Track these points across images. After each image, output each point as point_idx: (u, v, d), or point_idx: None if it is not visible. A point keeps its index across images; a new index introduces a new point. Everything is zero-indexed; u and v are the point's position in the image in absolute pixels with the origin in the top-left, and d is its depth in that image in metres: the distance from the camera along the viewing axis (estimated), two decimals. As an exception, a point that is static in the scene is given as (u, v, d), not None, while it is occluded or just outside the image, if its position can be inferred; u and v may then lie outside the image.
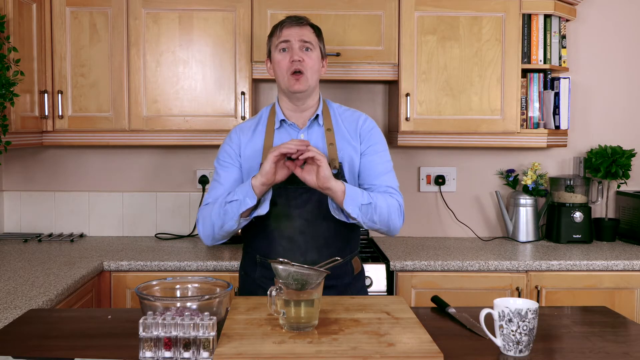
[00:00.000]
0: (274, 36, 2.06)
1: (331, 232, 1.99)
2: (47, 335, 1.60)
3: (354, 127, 2.08)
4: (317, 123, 2.06)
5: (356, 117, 2.10)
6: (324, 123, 2.05)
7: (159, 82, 2.92)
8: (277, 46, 2.03)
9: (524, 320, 1.42)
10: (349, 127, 2.07)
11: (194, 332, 1.36)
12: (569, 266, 2.75)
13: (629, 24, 3.36)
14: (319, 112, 2.06)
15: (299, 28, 2.02)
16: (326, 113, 2.08)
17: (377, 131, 2.10)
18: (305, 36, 2.01)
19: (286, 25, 2.03)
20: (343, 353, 1.37)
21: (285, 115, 2.06)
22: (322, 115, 2.06)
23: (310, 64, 2.01)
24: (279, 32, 2.03)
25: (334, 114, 2.10)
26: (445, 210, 3.36)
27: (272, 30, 2.09)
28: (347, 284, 2.06)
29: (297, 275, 1.52)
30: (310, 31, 2.04)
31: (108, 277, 2.68)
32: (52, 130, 2.92)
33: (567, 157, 3.39)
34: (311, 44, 2.02)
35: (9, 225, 3.30)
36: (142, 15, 2.90)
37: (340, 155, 2.03)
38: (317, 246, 1.94)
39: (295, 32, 2.01)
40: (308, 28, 2.04)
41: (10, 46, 2.52)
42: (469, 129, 2.98)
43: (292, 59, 1.98)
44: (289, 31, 2.01)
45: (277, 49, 2.03)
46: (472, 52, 2.96)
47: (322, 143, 2.03)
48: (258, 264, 2.05)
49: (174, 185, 3.32)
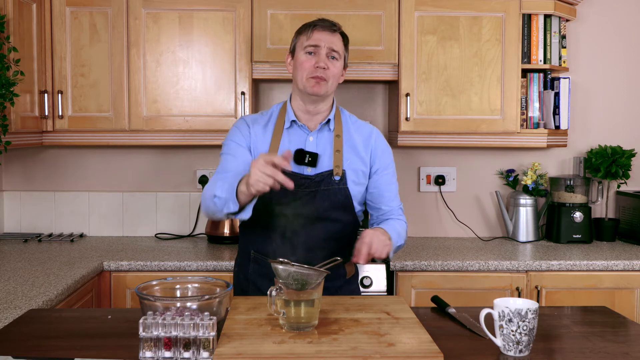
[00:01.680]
0: (303, 35, 2.01)
1: (325, 235, 1.99)
2: (47, 335, 1.60)
3: (365, 140, 2.08)
4: (327, 128, 2.05)
5: (368, 131, 2.11)
6: (334, 129, 2.05)
7: (159, 82, 2.92)
8: (304, 47, 1.99)
9: (524, 320, 1.42)
10: (359, 138, 2.07)
11: (194, 332, 1.36)
12: (569, 266, 2.75)
13: (629, 24, 3.36)
14: (330, 117, 2.05)
15: (331, 35, 1.99)
16: (338, 119, 2.07)
17: (388, 151, 2.12)
18: (334, 44, 1.99)
19: (318, 29, 1.99)
20: (343, 353, 1.37)
21: (297, 116, 2.05)
22: (334, 121, 2.06)
23: (334, 72, 2.00)
24: (310, 33, 1.99)
25: (345, 121, 2.09)
26: (445, 210, 3.36)
27: (301, 29, 2.03)
28: (338, 287, 2.07)
29: (297, 275, 1.52)
30: (339, 40, 2.02)
31: (108, 277, 2.68)
32: (52, 130, 2.92)
33: (567, 157, 3.39)
34: (338, 54, 2.00)
35: (9, 225, 3.30)
36: (142, 15, 2.90)
37: (346, 163, 2.03)
38: (312, 247, 1.93)
39: (327, 38, 1.98)
40: (338, 36, 2.02)
41: (10, 46, 2.52)
42: (469, 129, 2.98)
43: (317, 64, 1.96)
44: (320, 35, 1.98)
45: (303, 49, 2.00)
46: (472, 52, 2.96)
47: (329, 148, 2.03)
48: (251, 260, 2.05)
49: (174, 185, 3.32)
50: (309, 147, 2.02)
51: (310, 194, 1.96)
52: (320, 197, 1.97)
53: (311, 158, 1.98)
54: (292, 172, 1.97)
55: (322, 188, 1.98)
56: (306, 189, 1.97)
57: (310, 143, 2.03)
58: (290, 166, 1.70)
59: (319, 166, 2.00)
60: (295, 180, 1.92)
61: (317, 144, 2.03)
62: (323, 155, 2.01)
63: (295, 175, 1.97)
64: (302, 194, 1.96)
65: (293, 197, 1.96)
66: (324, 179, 1.99)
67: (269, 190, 1.67)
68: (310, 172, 2.00)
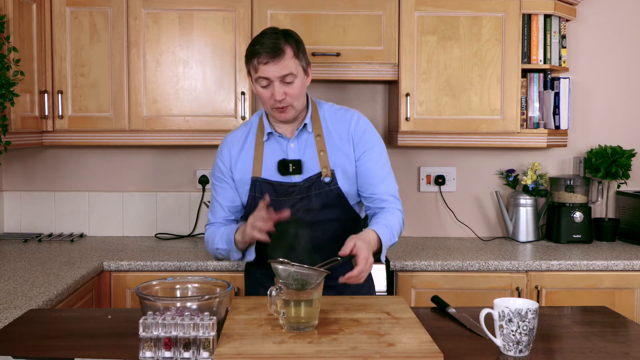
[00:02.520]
0: (251, 65, 1.92)
1: (326, 236, 2.00)
2: (47, 335, 1.60)
3: (346, 130, 2.03)
4: (306, 131, 2.03)
5: (348, 118, 2.04)
6: (313, 129, 2.03)
7: (159, 82, 2.92)
8: (256, 80, 1.92)
9: (524, 320, 1.42)
10: (340, 131, 2.03)
11: (194, 332, 1.36)
12: (569, 266, 2.75)
13: (629, 24, 3.36)
14: (307, 122, 2.02)
15: (276, 63, 1.87)
16: (315, 117, 2.04)
17: (370, 132, 2.04)
18: (284, 70, 1.88)
19: (262, 61, 1.88)
20: (343, 353, 1.37)
21: (273, 127, 2.04)
22: (311, 121, 2.03)
23: (294, 94, 1.92)
24: (256, 64, 1.89)
25: (323, 117, 2.05)
26: (445, 210, 3.36)
27: (247, 54, 1.93)
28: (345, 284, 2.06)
29: (297, 275, 1.52)
30: (289, 57, 1.89)
31: (108, 277, 2.68)
32: (52, 130, 2.92)
33: (567, 157, 3.39)
34: (292, 75, 1.90)
35: (9, 225, 3.30)
36: (142, 15, 2.90)
37: (332, 162, 2.01)
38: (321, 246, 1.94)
39: (273, 69, 1.88)
40: (286, 55, 1.88)
41: (10, 46, 2.52)
42: (469, 129, 2.98)
43: (274, 97, 1.91)
44: (266, 68, 1.88)
45: (257, 82, 1.93)
46: (472, 52, 2.96)
47: (312, 151, 2.02)
48: (260, 262, 2.05)
49: (174, 185, 3.32)
50: (291, 154, 2.01)
51: (303, 199, 1.97)
52: (314, 201, 1.98)
53: (295, 166, 1.98)
54: (279, 182, 1.98)
55: (313, 192, 1.98)
56: (297, 195, 1.97)
57: (292, 150, 2.02)
58: (268, 200, 1.86)
59: (305, 171, 1.99)
60: (284, 189, 1.95)
61: (299, 149, 2.02)
62: (307, 159, 2.00)
63: (283, 184, 1.97)
64: (295, 201, 1.97)
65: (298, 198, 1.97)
66: (313, 183, 1.99)
67: (263, 238, 1.84)
68: (298, 178, 1.99)
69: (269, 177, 2.00)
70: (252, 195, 2.02)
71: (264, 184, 2.00)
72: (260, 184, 2.00)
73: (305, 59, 1.97)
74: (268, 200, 1.85)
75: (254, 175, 2.02)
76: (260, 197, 1.97)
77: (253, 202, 2.00)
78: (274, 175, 2.00)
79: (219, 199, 2.09)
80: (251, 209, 1.97)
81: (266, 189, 1.99)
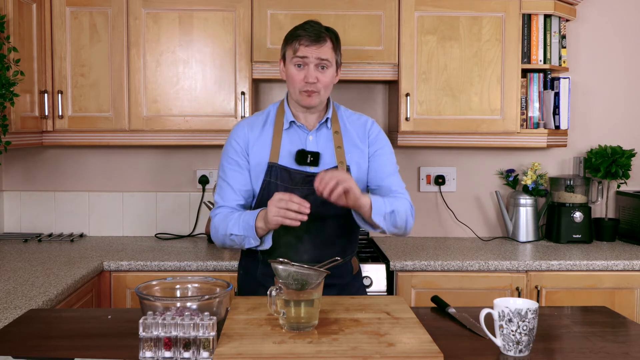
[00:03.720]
0: (290, 47, 1.99)
1: (335, 231, 2.01)
2: (47, 335, 1.60)
3: (362, 131, 2.08)
4: (325, 126, 2.06)
5: (363, 121, 2.11)
6: (332, 126, 2.06)
7: (159, 82, 2.92)
8: (292, 59, 1.98)
9: (524, 320, 1.42)
10: (357, 131, 2.08)
11: (194, 332, 1.36)
12: (569, 266, 2.75)
13: (629, 24, 3.36)
14: (328, 116, 2.06)
15: (317, 47, 1.95)
16: (334, 116, 2.08)
17: (383, 135, 2.12)
18: (322, 54, 1.96)
19: (304, 42, 1.95)
20: (343, 353, 1.37)
21: (295, 117, 2.06)
22: (331, 118, 2.07)
23: (325, 82, 1.99)
24: (297, 46, 1.96)
25: (341, 117, 2.10)
26: (445, 210, 3.36)
27: (289, 38, 2.01)
28: (346, 283, 2.08)
29: (297, 275, 1.52)
30: (329, 46, 1.98)
31: (108, 277, 2.68)
32: (52, 130, 2.92)
33: (567, 157, 3.39)
34: (328, 61, 1.97)
35: (9, 225, 3.30)
36: (142, 15, 2.90)
37: (348, 157, 2.03)
38: (322, 245, 1.95)
39: (313, 51, 1.95)
40: (327, 43, 1.98)
41: (10, 46, 2.52)
42: (469, 129, 2.98)
43: (307, 79, 1.96)
44: (306, 50, 1.95)
45: (292, 62, 1.99)
46: (472, 52, 2.96)
47: (330, 145, 2.04)
48: (260, 262, 2.05)
49: (174, 185, 3.32)
50: (309, 147, 2.03)
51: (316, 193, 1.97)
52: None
53: (313, 157, 1.99)
54: (297, 170, 1.98)
55: None
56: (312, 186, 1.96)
57: (311, 142, 2.03)
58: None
59: (321, 164, 2.01)
60: (300, 179, 1.95)
61: (317, 143, 2.03)
62: (324, 153, 2.02)
63: (301, 173, 1.97)
64: (308, 192, 1.96)
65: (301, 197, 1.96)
66: None
67: (287, 223, 1.77)
68: (314, 170, 2.00)
69: (286, 164, 2.00)
70: (266, 180, 2.00)
71: (281, 170, 1.99)
72: (277, 170, 1.99)
73: (340, 56, 2.05)
74: (308, 205, 1.79)
75: (271, 160, 2.01)
76: (275, 183, 1.97)
77: (267, 187, 1.99)
78: (290, 163, 2.00)
79: (229, 181, 2.03)
80: (264, 195, 1.96)
81: (282, 175, 1.98)
